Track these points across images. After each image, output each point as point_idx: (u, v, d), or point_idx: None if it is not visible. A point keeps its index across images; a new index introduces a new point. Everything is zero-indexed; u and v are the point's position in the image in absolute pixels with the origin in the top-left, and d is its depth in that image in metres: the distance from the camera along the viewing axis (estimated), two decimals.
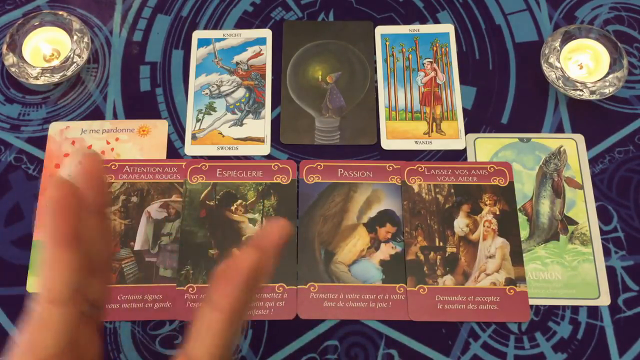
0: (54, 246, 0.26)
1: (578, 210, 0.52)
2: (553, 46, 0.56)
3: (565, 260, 0.50)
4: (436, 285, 0.49)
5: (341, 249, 0.51)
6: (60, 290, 0.26)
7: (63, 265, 0.26)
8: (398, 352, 0.48)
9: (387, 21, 0.60)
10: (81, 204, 0.27)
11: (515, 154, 0.54)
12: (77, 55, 0.56)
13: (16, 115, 0.56)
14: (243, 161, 0.54)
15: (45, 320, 0.26)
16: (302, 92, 0.57)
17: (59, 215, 0.26)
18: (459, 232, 0.51)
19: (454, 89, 0.57)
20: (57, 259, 0.26)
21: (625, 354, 0.48)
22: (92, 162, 0.30)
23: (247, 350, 0.48)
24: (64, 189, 0.27)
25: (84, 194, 0.28)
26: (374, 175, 0.53)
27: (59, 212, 0.26)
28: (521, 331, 0.48)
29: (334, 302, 0.49)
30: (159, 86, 0.57)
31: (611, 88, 0.54)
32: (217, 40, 0.59)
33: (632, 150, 0.54)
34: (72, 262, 0.26)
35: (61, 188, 0.26)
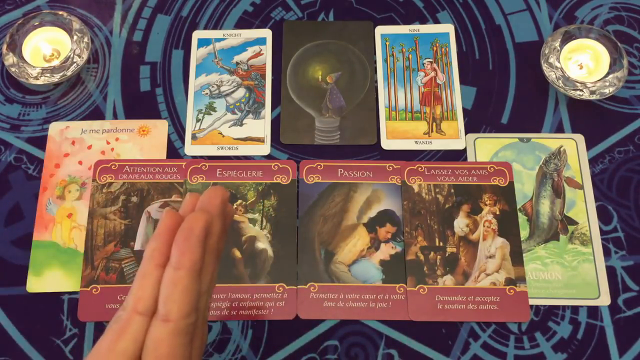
0: (150, 263, 0.30)
1: (578, 210, 0.52)
2: (553, 46, 0.56)
3: (565, 260, 0.50)
4: (436, 285, 0.49)
5: (341, 249, 0.51)
6: (146, 301, 0.29)
7: (154, 280, 0.30)
8: (398, 352, 0.48)
9: (387, 21, 0.60)
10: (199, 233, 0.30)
11: (515, 154, 0.54)
12: (77, 55, 0.56)
13: (16, 115, 0.56)
14: (243, 161, 0.54)
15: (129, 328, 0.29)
16: (302, 92, 0.57)
17: (163, 239, 0.30)
18: (459, 232, 0.51)
19: (454, 89, 0.57)
20: (150, 275, 0.30)
21: (625, 354, 0.48)
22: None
23: (247, 350, 0.48)
24: (174, 220, 0.31)
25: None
26: (374, 175, 0.53)
27: (164, 236, 0.30)
28: (521, 331, 0.48)
29: (334, 302, 0.49)
30: (159, 86, 0.57)
31: (611, 88, 0.54)
32: (217, 40, 0.59)
33: (632, 150, 0.54)
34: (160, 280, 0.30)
35: (173, 219, 0.31)
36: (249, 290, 0.49)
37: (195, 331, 0.31)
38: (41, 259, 0.50)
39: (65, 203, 0.52)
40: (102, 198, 0.52)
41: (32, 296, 0.49)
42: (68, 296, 0.50)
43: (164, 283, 0.29)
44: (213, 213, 0.32)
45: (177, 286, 0.29)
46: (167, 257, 0.30)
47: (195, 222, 0.30)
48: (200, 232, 0.30)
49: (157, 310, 0.29)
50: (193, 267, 0.29)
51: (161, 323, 0.29)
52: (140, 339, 0.29)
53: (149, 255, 0.30)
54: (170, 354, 0.29)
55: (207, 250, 0.31)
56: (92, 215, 0.51)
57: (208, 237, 0.31)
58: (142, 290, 0.30)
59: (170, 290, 0.29)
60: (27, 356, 0.48)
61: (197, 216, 0.30)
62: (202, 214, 0.30)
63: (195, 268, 0.29)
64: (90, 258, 0.50)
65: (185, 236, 0.29)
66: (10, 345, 0.48)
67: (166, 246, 0.30)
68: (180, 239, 0.29)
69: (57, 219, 0.52)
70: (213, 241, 0.32)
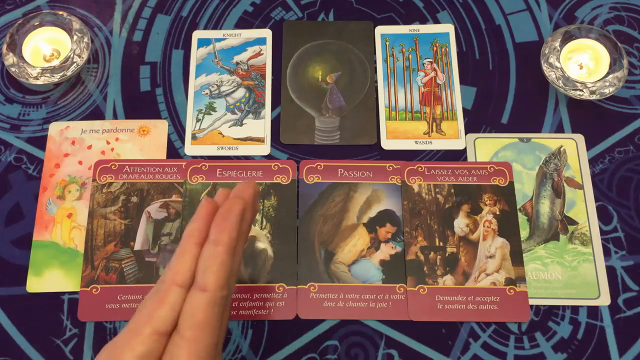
0: (189, 241, 0.33)
1: (578, 210, 0.52)
2: (553, 46, 0.56)
3: (565, 260, 0.50)
4: (436, 285, 0.49)
5: (341, 249, 0.51)
6: (184, 274, 0.32)
7: (192, 256, 0.32)
8: (398, 352, 0.48)
9: (387, 21, 0.60)
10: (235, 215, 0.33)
11: (515, 154, 0.54)
12: (77, 55, 0.56)
13: (16, 115, 0.56)
14: (243, 161, 0.54)
15: (168, 297, 0.31)
16: (302, 92, 0.57)
17: (203, 221, 0.33)
18: (459, 232, 0.51)
19: (454, 89, 0.57)
20: (189, 251, 0.32)
21: (625, 354, 0.48)
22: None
23: (247, 350, 0.48)
24: (213, 206, 0.34)
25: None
26: (374, 175, 0.53)
27: (204, 219, 0.33)
28: (521, 331, 0.48)
29: (334, 302, 0.49)
30: (159, 86, 0.57)
31: (611, 88, 0.54)
32: (217, 40, 0.59)
33: (632, 150, 0.54)
34: (197, 256, 0.32)
35: (211, 205, 0.34)
36: (249, 290, 0.49)
37: (226, 306, 0.33)
38: (41, 259, 0.50)
39: (65, 203, 0.52)
40: (102, 198, 0.52)
41: (32, 296, 0.49)
42: (68, 296, 0.50)
43: (203, 256, 0.32)
44: (247, 200, 0.34)
45: (215, 259, 0.31)
46: (204, 236, 0.33)
47: (234, 204, 0.33)
48: (238, 213, 0.33)
49: (194, 281, 0.32)
50: (230, 243, 0.32)
51: (199, 292, 0.31)
52: (178, 308, 0.31)
53: (189, 233, 0.33)
54: (206, 321, 0.31)
55: (240, 232, 0.34)
56: (92, 215, 0.51)
57: (242, 221, 0.33)
58: (180, 265, 0.32)
59: (210, 263, 0.32)
60: (27, 356, 0.48)
61: (235, 200, 0.33)
62: (239, 199, 0.33)
63: (232, 245, 0.32)
64: (90, 258, 0.50)
65: (225, 216, 0.32)
66: (10, 345, 0.48)
67: (205, 226, 0.33)
68: (220, 218, 0.32)
69: (57, 219, 0.52)
70: (244, 227, 0.35)
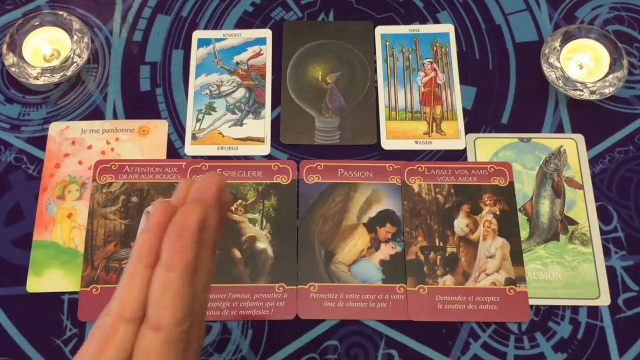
0: (139, 263, 0.27)
1: (578, 210, 0.52)
2: (553, 46, 0.56)
3: (565, 260, 0.50)
4: (436, 285, 0.49)
5: (341, 249, 0.51)
6: (133, 306, 0.26)
7: (142, 282, 0.26)
8: (398, 352, 0.48)
9: (387, 21, 0.60)
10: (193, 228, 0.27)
11: (515, 154, 0.54)
12: (77, 55, 0.56)
13: (16, 115, 0.56)
14: (243, 161, 0.54)
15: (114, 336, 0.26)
16: (302, 92, 0.57)
17: (155, 235, 0.27)
18: (459, 232, 0.51)
19: (454, 89, 0.57)
20: (138, 276, 0.27)
21: (625, 354, 0.48)
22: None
23: (247, 350, 0.48)
24: (167, 212, 0.27)
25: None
26: (374, 175, 0.53)
27: (156, 231, 0.27)
28: (521, 331, 0.48)
29: (334, 302, 0.49)
30: (159, 86, 0.57)
31: (611, 88, 0.54)
32: (217, 40, 0.59)
33: (632, 150, 0.54)
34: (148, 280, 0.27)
35: (165, 211, 0.27)
36: (249, 290, 0.49)
37: (190, 337, 0.28)
38: (41, 259, 0.50)
39: (65, 203, 0.52)
40: (102, 198, 0.52)
41: (32, 296, 0.49)
42: (68, 296, 0.50)
43: (154, 286, 0.26)
44: (208, 203, 0.28)
45: (168, 290, 0.26)
46: (157, 255, 0.27)
47: (189, 216, 0.26)
48: (195, 228, 0.26)
49: (146, 316, 0.26)
50: (186, 268, 0.26)
51: (151, 331, 0.26)
52: (128, 348, 0.26)
53: (137, 253, 0.27)
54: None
55: (203, 245, 0.28)
56: (92, 215, 0.51)
57: (203, 231, 0.27)
58: (128, 294, 0.26)
59: (161, 294, 0.26)
60: (27, 356, 0.48)
61: (190, 209, 0.27)
62: (197, 206, 0.27)
63: (189, 269, 0.26)
64: (90, 258, 0.50)
65: (178, 233, 0.26)
66: (10, 345, 0.48)
67: (156, 243, 0.27)
68: (172, 236, 0.26)
69: (57, 219, 0.52)
70: (209, 234, 0.29)
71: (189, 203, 0.28)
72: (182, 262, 0.26)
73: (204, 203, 0.28)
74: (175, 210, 0.27)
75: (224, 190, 0.30)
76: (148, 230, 0.27)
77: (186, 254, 0.26)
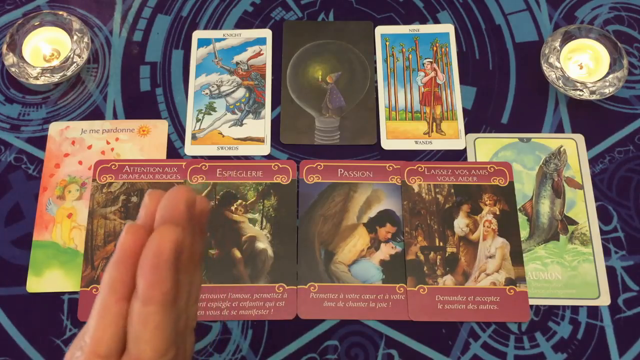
0: (111, 297, 0.25)
1: (578, 210, 0.52)
2: (553, 46, 0.56)
3: (565, 260, 0.50)
4: (436, 285, 0.49)
5: (341, 249, 0.51)
6: (108, 343, 0.25)
7: (116, 317, 0.25)
8: (398, 352, 0.48)
9: (387, 21, 0.60)
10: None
11: (515, 154, 0.54)
12: (77, 55, 0.56)
13: (16, 115, 0.56)
14: (243, 161, 0.54)
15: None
16: (302, 92, 0.57)
17: (126, 267, 0.25)
18: (459, 232, 0.51)
19: (454, 89, 0.57)
20: (111, 310, 0.25)
21: (625, 354, 0.48)
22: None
23: (247, 350, 0.48)
24: (137, 238, 0.25)
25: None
26: (374, 175, 0.53)
27: (126, 264, 0.25)
28: (521, 331, 0.48)
29: (334, 302, 0.49)
30: (159, 86, 0.57)
31: (611, 88, 0.54)
32: (217, 40, 0.59)
33: (632, 150, 0.54)
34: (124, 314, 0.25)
35: (135, 237, 0.25)
36: (249, 290, 0.49)
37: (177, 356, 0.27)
38: (41, 259, 0.50)
39: (65, 203, 0.52)
40: (102, 198, 0.52)
41: (32, 296, 0.49)
42: (68, 296, 0.50)
43: (133, 321, 0.25)
44: (180, 223, 0.26)
45: (148, 324, 0.24)
46: (130, 287, 0.25)
47: (163, 243, 0.24)
48: (170, 256, 0.24)
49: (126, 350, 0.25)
50: (165, 299, 0.24)
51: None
52: None
53: (108, 286, 0.25)
54: None
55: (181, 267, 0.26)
56: (92, 215, 0.51)
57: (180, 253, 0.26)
58: (102, 330, 0.25)
59: (141, 329, 0.25)
60: (27, 356, 0.48)
61: (164, 235, 0.25)
62: (170, 230, 0.25)
63: (168, 299, 0.25)
64: (90, 258, 0.50)
65: (153, 264, 0.24)
66: (10, 345, 0.48)
67: (129, 274, 0.25)
68: (147, 268, 0.24)
69: (57, 219, 0.52)
70: (186, 256, 0.27)
71: (161, 227, 0.25)
72: (159, 294, 0.24)
73: (177, 225, 0.25)
74: (145, 233, 0.25)
75: (196, 203, 0.28)
76: (118, 261, 0.25)
77: (163, 285, 0.24)
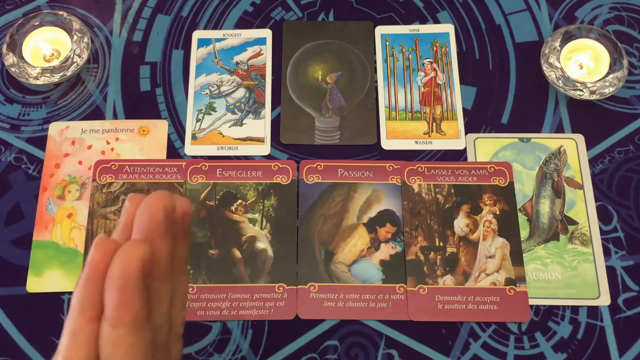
0: (81, 318, 0.24)
1: (578, 210, 0.52)
2: (553, 46, 0.56)
3: (565, 260, 0.50)
4: (436, 285, 0.49)
5: (341, 249, 0.51)
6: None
7: (87, 338, 0.24)
8: (398, 352, 0.48)
9: (387, 21, 0.60)
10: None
11: (515, 154, 0.54)
12: (77, 55, 0.56)
13: (16, 115, 0.56)
14: (243, 161, 0.54)
15: None
16: (302, 92, 0.57)
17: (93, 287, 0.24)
18: (459, 232, 0.51)
19: (454, 89, 0.57)
20: (81, 331, 0.24)
21: (625, 354, 0.48)
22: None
23: (247, 350, 0.48)
24: (105, 255, 0.24)
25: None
26: (374, 175, 0.53)
27: (94, 283, 0.24)
28: (521, 331, 0.48)
29: (334, 302, 0.49)
30: (159, 86, 0.57)
31: (611, 88, 0.54)
32: (217, 40, 0.59)
33: (632, 150, 0.54)
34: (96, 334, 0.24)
35: (103, 254, 0.24)
36: (249, 290, 0.49)
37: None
38: (41, 259, 0.50)
39: (65, 203, 0.52)
40: (102, 198, 0.52)
41: (32, 296, 0.49)
42: (68, 296, 0.50)
43: (103, 343, 0.24)
44: (155, 234, 0.25)
45: (119, 346, 0.24)
46: (100, 306, 0.24)
47: (129, 262, 0.23)
48: (136, 276, 0.23)
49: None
50: (134, 320, 0.24)
51: None
52: None
53: (78, 306, 0.24)
54: None
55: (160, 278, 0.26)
56: (92, 215, 0.51)
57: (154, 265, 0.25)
58: (73, 352, 0.24)
59: (112, 351, 0.24)
60: (27, 356, 0.48)
61: (130, 253, 0.23)
62: (136, 247, 0.24)
63: (139, 319, 0.24)
64: None
65: (119, 284, 0.23)
66: (10, 345, 0.48)
67: (97, 293, 0.24)
68: (113, 289, 0.23)
69: (57, 219, 0.52)
70: (164, 265, 0.26)
71: (127, 244, 0.24)
72: (128, 316, 0.24)
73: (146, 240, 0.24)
74: (116, 248, 0.24)
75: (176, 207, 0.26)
76: (87, 279, 0.24)
77: (131, 307, 0.23)
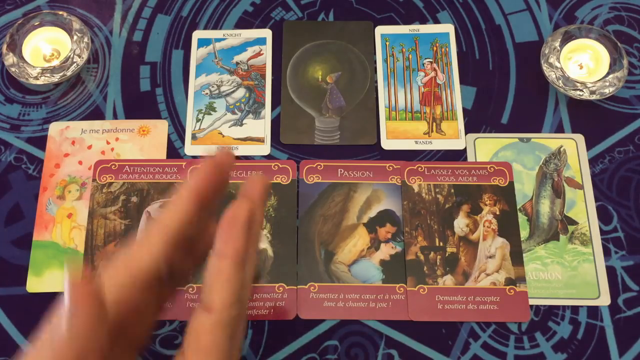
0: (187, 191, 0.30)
1: (578, 210, 0.52)
2: (553, 46, 0.56)
3: (565, 260, 0.50)
4: (436, 285, 0.49)
5: (341, 249, 0.51)
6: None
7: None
8: (398, 352, 0.48)
9: (387, 21, 0.60)
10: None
11: (515, 154, 0.54)
12: (77, 55, 0.56)
13: (16, 115, 0.56)
14: (243, 161, 0.54)
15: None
16: (302, 92, 0.57)
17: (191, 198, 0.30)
18: (459, 232, 0.51)
19: (454, 89, 0.57)
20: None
21: (625, 354, 0.48)
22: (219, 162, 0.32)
23: (247, 350, 0.48)
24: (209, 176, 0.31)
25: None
26: (374, 175, 0.53)
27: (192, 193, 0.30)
28: (521, 331, 0.48)
29: (334, 302, 0.49)
30: (159, 86, 0.57)
31: (611, 88, 0.54)
32: (217, 40, 0.59)
33: (632, 150, 0.54)
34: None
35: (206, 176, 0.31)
36: None
37: (237, 324, 0.30)
38: (41, 259, 0.50)
39: (65, 203, 0.52)
40: (102, 198, 0.52)
41: (32, 296, 0.49)
42: None
43: (208, 272, 0.29)
44: (255, 201, 0.31)
45: (220, 276, 0.28)
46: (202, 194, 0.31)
47: (240, 210, 0.29)
48: (245, 220, 0.29)
49: (201, 298, 0.29)
50: (237, 255, 0.29)
51: (204, 313, 0.28)
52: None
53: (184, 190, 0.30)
54: (213, 345, 0.28)
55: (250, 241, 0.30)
56: (92, 215, 0.51)
57: (251, 226, 0.30)
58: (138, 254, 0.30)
59: (214, 279, 0.29)
60: None
61: (241, 204, 0.30)
62: (246, 201, 0.30)
63: (240, 257, 0.29)
64: (90, 258, 0.50)
65: (230, 223, 0.29)
66: (10, 345, 0.48)
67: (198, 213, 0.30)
68: (225, 226, 0.29)
69: (57, 219, 0.52)
70: (255, 231, 0.31)
71: (239, 200, 0.30)
72: (232, 250, 0.29)
73: (252, 200, 0.30)
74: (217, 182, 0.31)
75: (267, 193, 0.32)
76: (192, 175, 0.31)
77: (236, 243, 0.29)
